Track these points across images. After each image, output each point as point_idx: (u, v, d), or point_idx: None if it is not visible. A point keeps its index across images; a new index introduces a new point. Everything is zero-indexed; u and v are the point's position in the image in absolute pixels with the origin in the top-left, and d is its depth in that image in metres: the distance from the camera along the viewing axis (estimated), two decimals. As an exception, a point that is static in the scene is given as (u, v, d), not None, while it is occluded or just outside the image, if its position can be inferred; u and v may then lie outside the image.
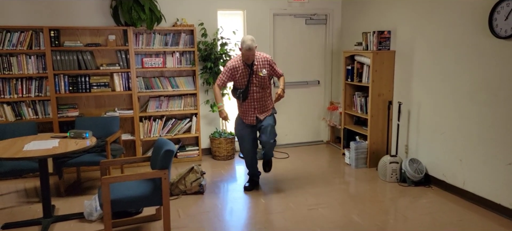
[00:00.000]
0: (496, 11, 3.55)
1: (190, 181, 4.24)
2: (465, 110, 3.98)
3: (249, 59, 4.00)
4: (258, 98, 4.15)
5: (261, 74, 4.09)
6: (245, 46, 3.92)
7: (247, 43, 3.91)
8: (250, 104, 4.16)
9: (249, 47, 3.91)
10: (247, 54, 3.96)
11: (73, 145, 3.55)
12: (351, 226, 3.50)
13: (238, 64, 4.08)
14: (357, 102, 5.34)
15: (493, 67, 3.65)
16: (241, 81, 4.11)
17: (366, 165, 5.13)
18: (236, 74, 4.09)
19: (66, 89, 4.94)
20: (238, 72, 4.08)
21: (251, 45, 3.92)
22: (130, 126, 5.35)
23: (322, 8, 6.08)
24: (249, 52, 3.94)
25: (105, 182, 2.99)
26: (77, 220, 3.66)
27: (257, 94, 4.14)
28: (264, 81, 4.14)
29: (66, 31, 4.94)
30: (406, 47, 4.74)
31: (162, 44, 5.24)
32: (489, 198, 3.78)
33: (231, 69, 4.10)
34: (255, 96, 4.14)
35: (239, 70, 4.08)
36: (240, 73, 4.08)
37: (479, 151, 3.85)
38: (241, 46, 3.96)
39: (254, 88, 4.12)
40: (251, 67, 4.07)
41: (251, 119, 4.20)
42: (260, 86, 4.13)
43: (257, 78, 4.10)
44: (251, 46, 3.92)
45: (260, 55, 4.13)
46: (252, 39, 3.95)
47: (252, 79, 4.10)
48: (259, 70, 4.09)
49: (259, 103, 4.18)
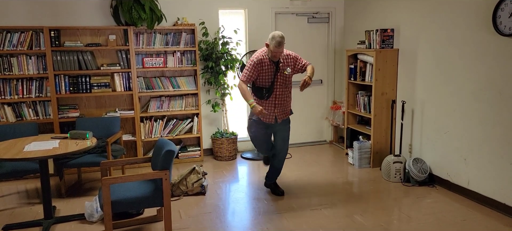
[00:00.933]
0: (500, 8, 3.50)
1: (192, 181, 4.21)
2: (469, 109, 3.93)
3: (276, 56, 3.79)
4: (280, 97, 3.94)
5: (286, 73, 3.89)
6: (274, 42, 3.68)
7: (277, 39, 3.67)
8: (272, 102, 3.94)
9: (279, 44, 3.68)
10: (276, 51, 3.72)
11: (73, 145, 3.53)
12: (354, 227, 3.46)
13: (265, 59, 3.83)
14: (360, 102, 5.29)
15: (498, 65, 3.59)
16: (265, 79, 3.87)
17: (369, 165, 5.08)
18: (262, 70, 3.83)
19: (67, 90, 4.91)
20: (264, 68, 3.83)
21: (281, 41, 3.68)
22: (131, 127, 5.32)
23: (325, 6, 6.03)
24: (279, 48, 3.70)
25: (105, 183, 2.96)
26: (78, 221, 3.63)
27: (280, 93, 3.93)
28: (288, 80, 3.96)
29: (66, 31, 4.91)
30: (409, 45, 4.69)
31: (163, 43, 5.20)
32: (494, 198, 3.73)
33: (257, 64, 3.82)
34: (277, 95, 3.92)
35: (264, 66, 3.84)
36: (265, 70, 3.84)
37: (483, 150, 3.80)
38: (269, 42, 3.73)
39: (278, 87, 3.91)
40: (277, 65, 3.86)
41: (270, 117, 3.97)
42: (284, 85, 3.93)
43: (282, 77, 3.90)
44: (281, 43, 3.68)
45: (286, 52, 3.93)
46: (282, 35, 3.70)
47: (277, 77, 3.88)
48: (285, 68, 3.89)
49: (280, 102, 3.95)
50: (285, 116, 4.05)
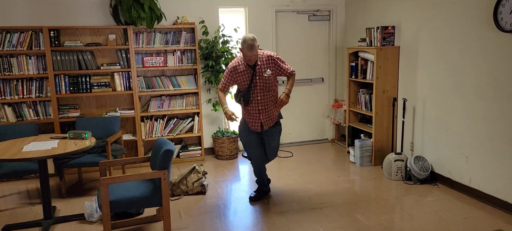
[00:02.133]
0: (501, 4, 3.46)
1: (192, 181, 4.20)
2: (470, 106, 3.89)
3: (251, 60, 3.63)
4: (263, 101, 3.78)
5: (265, 75, 3.72)
6: (246, 46, 3.55)
7: (248, 42, 3.54)
8: (255, 108, 3.80)
9: (250, 47, 3.54)
10: (249, 55, 3.59)
11: (73, 145, 3.52)
12: (355, 226, 3.43)
13: (239, 65, 3.73)
14: (361, 100, 5.26)
15: (499, 61, 3.55)
16: (243, 84, 3.77)
17: (371, 163, 5.05)
18: (238, 76, 3.75)
19: (67, 90, 4.91)
20: (239, 74, 3.74)
21: (253, 44, 3.54)
22: (132, 126, 5.32)
23: (325, 4, 6.00)
24: (251, 52, 3.56)
25: (103, 183, 2.95)
26: (77, 221, 3.63)
27: (261, 97, 3.76)
28: (268, 83, 3.75)
29: (66, 31, 4.91)
30: (410, 43, 4.65)
31: (163, 43, 5.19)
32: (495, 195, 3.70)
33: (232, 71, 3.75)
34: (259, 99, 3.77)
35: (239, 72, 3.74)
36: (241, 75, 3.74)
37: (485, 148, 3.76)
38: (241, 46, 3.60)
39: (258, 91, 3.74)
40: (254, 68, 3.72)
41: (256, 124, 3.85)
42: (264, 88, 3.75)
43: (261, 80, 3.73)
44: (253, 46, 3.54)
45: (263, 53, 3.76)
46: (253, 38, 3.56)
47: (255, 81, 3.72)
48: (263, 70, 3.72)
49: (264, 107, 3.79)
50: (272, 122, 3.89)
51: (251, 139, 3.92)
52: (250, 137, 3.92)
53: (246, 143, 3.97)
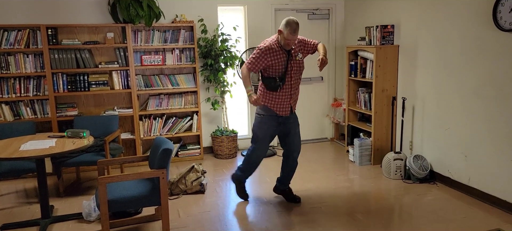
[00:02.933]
0: (500, 3, 3.46)
1: (191, 180, 4.18)
2: (470, 105, 3.88)
3: (290, 44, 3.49)
4: (295, 85, 3.66)
5: (298, 58, 3.62)
6: (289, 29, 3.39)
7: (293, 26, 3.38)
8: (287, 93, 3.62)
9: (294, 31, 3.39)
10: (290, 39, 3.42)
11: (70, 144, 3.50)
12: (355, 225, 3.42)
13: (275, 47, 3.52)
14: (361, 99, 5.25)
15: (498, 60, 3.55)
16: (277, 68, 3.56)
17: (370, 162, 5.04)
18: (273, 58, 3.52)
19: (65, 88, 4.89)
20: (275, 56, 3.53)
21: (297, 28, 3.40)
22: (130, 125, 5.30)
23: (325, 2, 5.98)
24: (294, 36, 3.41)
25: (101, 182, 2.93)
26: (75, 220, 3.61)
27: (294, 81, 3.64)
28: (301, 66, 3.67)
29: (63, 29, 4.88)
30: (409, 42, 4.64)
31: (161, 41, 5.17)
32: (494, 195, 3.69)
33: (267, 53, 3.50)
34: (292, 84, 3.63)
35: (276, 56, 3.53)
36: (277, 58, 3.53)
37: (484, 147, 3.76)
38: (282, 28, 3.43)
39: (293, 75, 3.61)
40: (289, 53, 3.58)
41: (286, 108, 3.67)
42: (298, 72, 3.66)
43: (295, 64, 3.61)
44: (296, 29, 3.40)
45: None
46: (297, 21, 3.41)
47: (290, 65, 3.58)
48: (296, 54, 3.61)
49: (295, 91, 3.68)
50: (296, 104, 3.82)
51: (270, 132, 3.74)
52: (270, 130, 3.72)
53: (263, 136, 3.74)
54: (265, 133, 3.74)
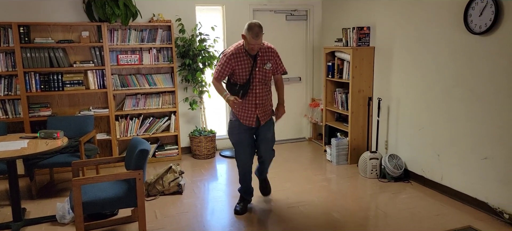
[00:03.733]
0: (471, 7, 3.56)
1: (168, 181, 4.14)
2: (442, 106, 3.99)
3: (254, 49, 3.36)
4: (260, 95, 3.51)
5: (266, 67, 3.48)
6: (252, 33, 3.25)
7: (255, 30, 3.24)
8: (251, 101, 3.50)
9: (256, 35, 3.25)
10: (253, 44, 3.29)
11: (43, 145, 3.42)
12: (331, 224, 3.47)
13: (240, 53, 3.42)
14: (338, 99, 5.31)
15: (469, 63, 3.66)
16: (241, 75, 3.44)
17: (347, 161, 5.11)
18: (237, 64, 3.42)
19: (38, 88, 4.76)
20: (239, 62, 3.42)
21: (259, 32, 3.25)
22: (106, 125, 5.21)
23: (303, 3, 6.03)
24: (257, 40, 3.27)
25: (76, 183, 2.88)
26: (49, 223, 3.52)
27: (259, 90, 3.49)
28: (267, 76, 3.52)
29: (36, 27, 4.76)
30: (385, 43, 4.73)
31: (138, 40, 5.10)
32: (465, 192, 3.80)
33: (230, 58, 3.40)
34: (257, 92, 3.48)
35: (240, 60, 3.43)
36: (241, 64, 3.42)
37: (456, 146, 3.87)
38: (245, 33, 3.29)
39: (257, 83, 3.46)
40: (255, 59, 3.46)
41: (251, 119, 3.53)
42: (263, 81, 3.50)
43: (261, 72, 3.47)
44: (258, 33, 3.25)
45: (264, 44, 3.49)
46: (260, 25, 3.27)
47: (255, 73, 3.44)
48: (264, 62, 3.47)
49: (261, 101, 3.53)
50: (268, 117, 3.65)
51: (242, 137, 3.60)
52: (242, 135, 3.60)
53: (237, 142, 3.65)
54: (238, 138, 3.63)
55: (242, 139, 3.61)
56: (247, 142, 3.63)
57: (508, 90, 3.32)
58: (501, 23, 3.33)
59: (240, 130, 3.60)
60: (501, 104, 3.40)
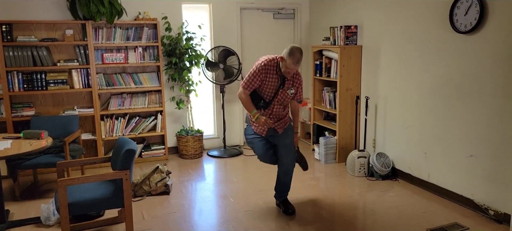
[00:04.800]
0: (456, 6, 3.60)
1: (155, 181, 4.10)
2: (428, 104, 4.03)
3: (290, 73, 3.33)
4: (276, 113, 3.48)
5: (289, 92, 3.45)
6: (293, 59, 3.23)
7: (297, 56, 3.23)
8: (265, 114, 3.48)
9: (297, 61, 3.25)
10: (291, 68, 3.27)
11: (27, 146, 3.34)
12: (320, 222, 3.47)
13: (271, 68, 3.36)
14: (326, 98, 5.33)
15: (454, 62, 3.70)
16: (266, 91, 3.40)
17: (335, 160, 5.13)
18: (268, 79, 3.36)
19: (21, 87, 4.66)
20: (270, 77, 3.36)
21: (300, 59, 3.27)
22: (91, 125, 5.12)
23: (290, 2, 6.03)
24: (296, 66, 3.27)
25: (61, 184, 2.81)
26: (33, 225, 3.45)
27: (276, 109, 3.47)
28: (286, 100, 3.49)
29: (19, 26, 4.65)
30: (372, 42, 4.76)
31: (124, 39, 5.03)
32: (452, 190, 3.85)
33: (262, 71, 3.34)
34: (274, 111, 3.46)
35: (269, 77, 3.36)
36: (271, 80, 3.37)
37: (442, 144, 3.91)
38: (286, 56, 3.27)
39: (276, 103, 3.44)
40: (283, 80, 3.41)
41: (263, 130, 3.51)
42: (282, 103, 3.47)
43: (283, 94, 3.44)
44: (300, 60, 3.26)
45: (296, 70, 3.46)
46: (302, 51, 3.29)
47: (278, 94, 3.41)
48: (289, 86, 3.44)
49: (275, 118, 3.50)
50: (285, 124, 3.57)
51: (254, 140, 3.62)
52: (254, 139, 3.61)
53: (250, 140, 3.66)
54: (252, 137, 3.64)
55: (254, 141, 3.63)
56: (258, 143, 3.60)
57: (493, 88, 3.37)
58: (486, 22, 3.37)
59: (253, 135, 3.62)
60: (486, 103, 3.44)
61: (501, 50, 3.27)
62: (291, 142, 3.62)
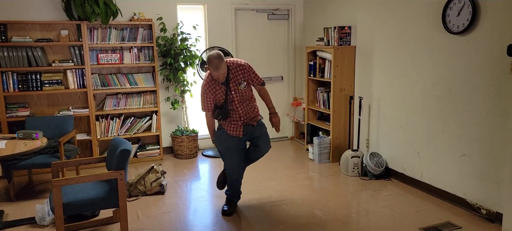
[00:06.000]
0: (449, 7, 3.64)
1: (150, 181, 4.11)
2: (421, 104, 4.07)
3: (219, 78, 3.33)
4: (244, 112, 3.51)
5: (241, 88, 3.44)
6: (211, 66, 3.23)
7: (213, 62, 3.21)
8: (236, 119, 3.51)
9: (216, 68, 3.22)
10: (216, 75, 3.29)
11: (22, 146, 3.35)
12: (314, 222, 3.50)
13: (212, 82, 3.40)
14: (320, 98, 5.36)
15: (447, 62, 3.74)
16: (219, 100, 3.47)
17: (329, 160, 5.16)
18: (214, 92, 3.42)
19: (15, 88, 4.65)
20: (214, 89, 3.41)
21: (218, 64, 3.21)
22: (86, 125, 5.12)
23: (284, 3, 6.06)
24: (218, 72, 3.26)
25: (56, 184, 2.82)
26: (28, 225, 3.46)
27: (242, 110, 3.49)
28: (245, 94, 3.49)
29: (13, 26, 4.65)
30: (366, 43, 4.80)
31: (119, 39, 5.04)
32: (444, 189, 3.89)
33: (208, 90, 3.40)
34: (241, 113, 3.49)
35: (215, 89, 3.42)
36: (217, 91, 3.42)
37: (435, 144, 3.95)
38: (207, 65, 3.28)
39: (237, 105, 3.46)
40: (227, 84, 3.42)
41: (238, 131, 3.52)
42: (242, 100, 3.49)
43: (237, 93, 3.44)
44: (218, 66, 3.22)
45: (233, 63, 3.42)
46: (218, 55, 3.23)
47: (231, 96, 3.43)
48: (238, 83, 3.43)
49: (246, 116, 3.53)
50: (257, 118, 3.64)
51: (230, 144, 3.55)
52: (229, 142, 3.55)
53: (224, 149, 3.60)
54: (224, 146, 3.58)
55: (230, 146, 3.56)
56: (234, 148, 3.56)
57: (485, 89, 3.41)
58: (478, 23, 3.41)
59: (227, 137, 3.55)
60: (478, 103, 3.49)
61: (493, 50, 3.31)
62: (266, 130, 3.71)
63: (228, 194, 3.78)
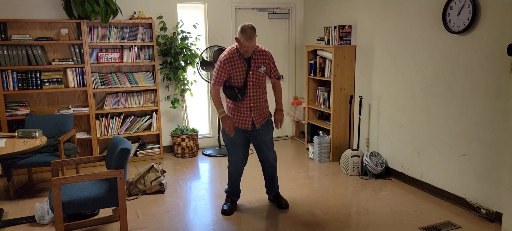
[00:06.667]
0: (449, 6, 3.64)
1: (150, 180, 4.11)
2: (421, 103, 4.06)
3: (248, 51, 3.32)
4: (255, 98, 3.47)
5: (260, 71, 3.43)
6: (245, 35, 3.23)
7: (248, 32, 3.23)
8: (246, 105, 3.45)
9: (250, 37, 3.23)
10: (247, 46, 3.26)
11: (21, 144, 3.35)
12: (314, 221, 3.50)
13: (234, 57, 3.38)
14: (320, 97, 5.36)
15: (447, 61, 3.74)
16: (237, 78, 3.39)
17: (329, 159, 5.15)
18: (233, 68, 3.37)
19: (15, 86, 4.65)
20: (234, 65, 3.37)
21: (253, 34, 3.25)
22: (86, 124, 5.12)
23: (285, 2, 6.05)
24: (250, 43, 3.25)
25: (55, 183, 2.82)
26: (27, 224, 3.45)
27: (253, 93, 3.45)
28: (261, 79, 3.47)
29: (13, 25, 4.64)
30: (366, 42, 4.79)
31: (119, 38, 5.03)
32: (444, 189, 3.89)
33: (226, 62, 3.35)
34: (251, 96, 3.44)
35: (235, 64, 3.38)
36: (236, 67, 3.37)
37: (435, 143, 3.95)
38: (238, 36, 3.28)
39: (251, 87, 3.42)
40: (249, 62, 3.42)
41: (246, 122, 3.48)
42: (257, 84, 3.45)
43: (255, 75, 3.42)
44: (252, 36, 3.24)
45: (258, 47, 3.46)
46: (253, 27, 3.27)
47: (249, 76, 3.41)
48: (258, 65, 3.43)
49: (256, 104, 3.48)
50: (264, 120, 3.57)
51: (236, 138, 3.52)
52: (236, 137, 3.52)
53: (230, 142, 3.57)
54: (231, 140, 3.54)
55: (235, 139, 3.53)
56: (240, 142, 3.56)
57: (485, 88, 3.41)
58: (479, 22, 3.41)
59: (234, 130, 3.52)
60: (478, 102, 3.48)
61: (493, 50, 3.31)
62: (271, 138, 3.68)
63: (228, 191, 3.79)
